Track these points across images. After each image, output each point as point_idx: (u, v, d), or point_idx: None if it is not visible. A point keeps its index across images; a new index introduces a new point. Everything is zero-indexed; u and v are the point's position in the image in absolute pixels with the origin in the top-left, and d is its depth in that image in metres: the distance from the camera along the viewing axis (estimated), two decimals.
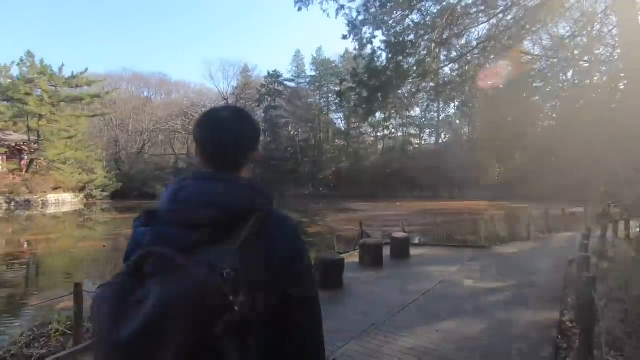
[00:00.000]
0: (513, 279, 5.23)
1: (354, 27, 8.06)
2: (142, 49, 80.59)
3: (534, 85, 12.11)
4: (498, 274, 5.55)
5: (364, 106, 8.51)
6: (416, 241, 9.82)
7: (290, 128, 46.46)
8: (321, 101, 47.31)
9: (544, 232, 10.03)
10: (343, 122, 48.15)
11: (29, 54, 27.55)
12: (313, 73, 46.92)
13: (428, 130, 43.82)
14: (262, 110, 47.75)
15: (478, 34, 8.81)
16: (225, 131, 0.84)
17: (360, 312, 3.91)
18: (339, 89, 12.10)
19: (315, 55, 46.77)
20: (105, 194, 33.26)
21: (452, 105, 36.09)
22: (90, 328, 2.57)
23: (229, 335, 0.62)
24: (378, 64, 7.95)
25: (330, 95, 46.43)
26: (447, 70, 10.40)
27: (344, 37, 8.47)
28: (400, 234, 6.91)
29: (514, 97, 14.70)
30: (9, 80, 26.18)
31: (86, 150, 31.14)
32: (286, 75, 48.01)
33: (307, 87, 47.45)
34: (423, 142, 44.08)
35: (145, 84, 57.29)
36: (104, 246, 10.91)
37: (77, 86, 29.15)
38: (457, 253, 7.02)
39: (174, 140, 53.23)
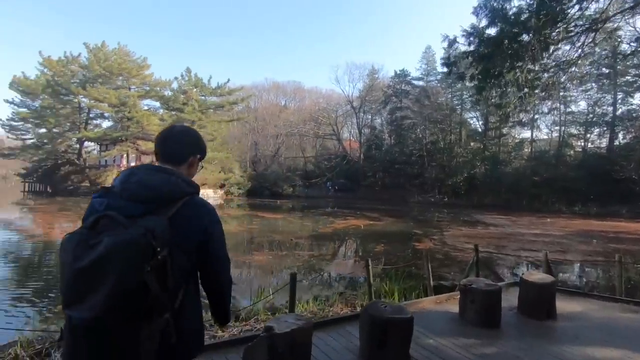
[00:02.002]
0: None
1: None
2: (281, 59, 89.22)
3: None
4: None
5: (479, 73, 5.78)
6: (571, 285, 6.53)
7: (417, 130, 43.13)
8: (453, 100, 42.44)
9: None
10: (480, 122, 42.12)
11: (188, 70, 32.59)
12: (445, 70, 42.47)
13: (597, 130, 33.90)
14: (387, 112, 45.89)
15: None
16: (173, 138, 1.31)
17: None
18: (446, 55, 9.23)
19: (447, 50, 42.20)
20: (241, 191, 36.89)
21: None
22: None
23: (152, 272, 0.98)
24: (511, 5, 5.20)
25: (464, 92, 41.21)
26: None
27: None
28: (538, 276, 4.20)
29: None
30: (170, 93, 31.47)
31: (225, 152, 35.13)
32: (414, 74, 44.94)
33: (438, 85, 43.23)
34: (589, 144, 34.43)
35: (283, 92, 62.54)
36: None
37: (220, 95, 33.12)
38: None
39: (304, 143, 56.40)
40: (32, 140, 31.29)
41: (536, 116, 35.50)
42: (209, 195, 33.07)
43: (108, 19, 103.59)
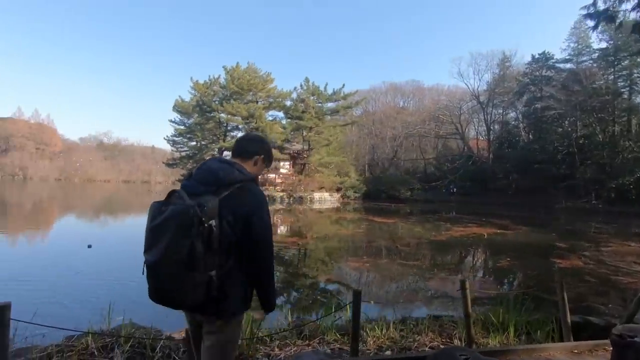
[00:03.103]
0: None
1: None
2: (398, 61, 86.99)
3: None
4: None
5: None
6: None
7: (564, 122, 35.79)
8: (618, 81, 33.72)
9: None
10: None
11: (306, 79, 34.46)
12: (603, 45, 34.15)
13: None
14: (522, 104, 39.59)
15: None
16: (245, 139, 1.75)
17: None
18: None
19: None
20: (357, 194, 36.99)
21: None
22: None
23: (199, 236, 1.30)
24: None
25: (635, 70, 32.28)
26: None
27: None
28: None
29: None
30: (290, 102, 33.74)
31: (341, 156, 35.73)
32: (559, 56, 37.63)
33: (593, 65, 35.01)
34: None
35: (401, 93, 60.70)
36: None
37: (335, 100, 33.94)
38: None
39: (424, 145, 53.40)
40: (186, 152, 37.95)
41: None
42: (326, 198, 34.13)
43: (244, 41, 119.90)
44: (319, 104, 34.06)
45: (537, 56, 38.12)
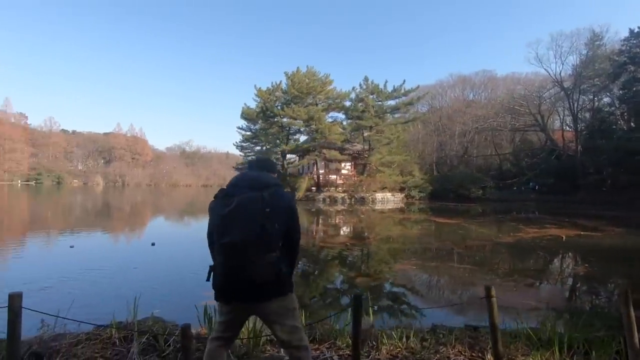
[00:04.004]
0: None
1: None
2: (467, 53, 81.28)
3: None
4: None
5: None
6: None
7: None
8: None
9: None
10: None
11: (365, 78, 34.04)
12: None
13: None
14: (618, 87, 34.24)
15: None
16: (265, 161, 2.21)
17: None
18: None
19: None
20: (422, 194, 35.40)
21: None
22: None
23: (264, 219, 1.67)
24: None
25: None
26: None
27: None
28: None
29: None
30: (349, 103, 33.56)
31: (404, 154, 34.49)
32: None
33: None
34: None
35: (470, 85, 56.83)
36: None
37: (396, 98, 32.91)
38: None
39: (499, 139, 49.18)
40: (251, 156, 40.03)
41: None
42: (388, 198, 33.23)
43: (303, 48, 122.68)
44: (379, 102, 33.34)
45: (636, 30, 32.67)
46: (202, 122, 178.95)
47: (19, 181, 77.67)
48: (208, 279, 1.78)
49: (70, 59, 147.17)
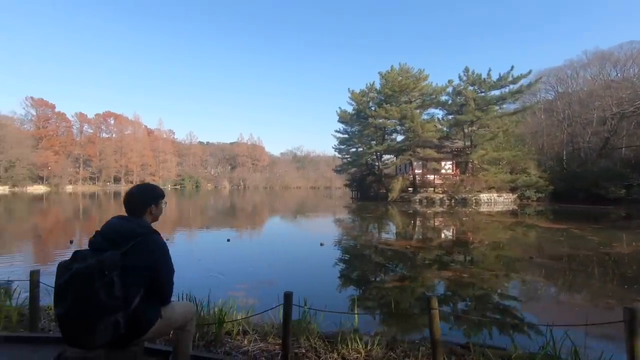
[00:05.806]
0: None
1: None
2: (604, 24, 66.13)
3: None
4: None
5: None
6: None
7: None
8: None
9: None
10: None
11: (466, 69, 31.26)
12: None
13: None
14: None
15: None
16: (130, 201, 1.93)
17: None
18: None
19: None
20: (540, 194, 30.71)
21: None
22: None
23: (102, 286, 1.57)
24: None
25: None
26: None
27: None
28: None
29: None
30: (446, 97, 31.22)
31: (514, 150, 30.38)
32: None
33: None
34: None
35: (612, 61, 46.58)
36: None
37: (502, 87, 29.27)
38: None
39: None
40: (347, 159, 40.75)
41: None
42: (496, 199, 29.80)
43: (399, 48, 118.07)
44: (481, 94, 30.17)
45: None
46: (311, 129, 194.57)
47: (169, 186, 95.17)
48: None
49: (205, 86, 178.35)
